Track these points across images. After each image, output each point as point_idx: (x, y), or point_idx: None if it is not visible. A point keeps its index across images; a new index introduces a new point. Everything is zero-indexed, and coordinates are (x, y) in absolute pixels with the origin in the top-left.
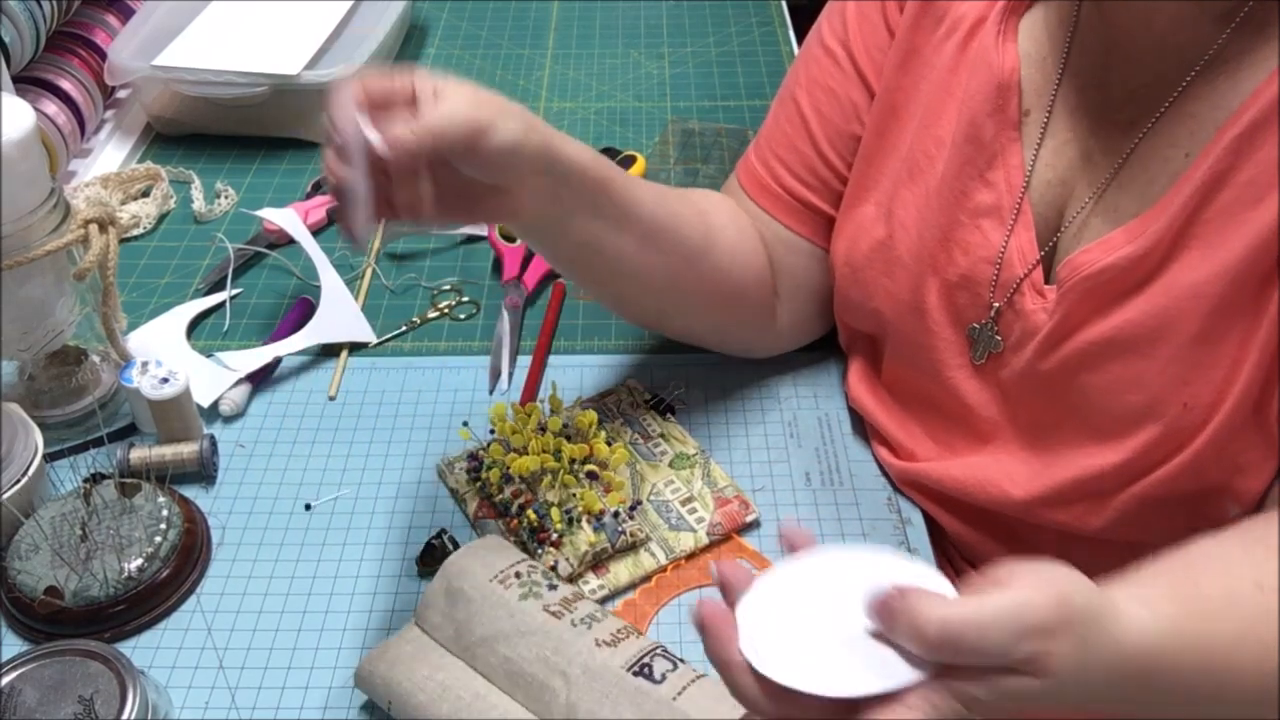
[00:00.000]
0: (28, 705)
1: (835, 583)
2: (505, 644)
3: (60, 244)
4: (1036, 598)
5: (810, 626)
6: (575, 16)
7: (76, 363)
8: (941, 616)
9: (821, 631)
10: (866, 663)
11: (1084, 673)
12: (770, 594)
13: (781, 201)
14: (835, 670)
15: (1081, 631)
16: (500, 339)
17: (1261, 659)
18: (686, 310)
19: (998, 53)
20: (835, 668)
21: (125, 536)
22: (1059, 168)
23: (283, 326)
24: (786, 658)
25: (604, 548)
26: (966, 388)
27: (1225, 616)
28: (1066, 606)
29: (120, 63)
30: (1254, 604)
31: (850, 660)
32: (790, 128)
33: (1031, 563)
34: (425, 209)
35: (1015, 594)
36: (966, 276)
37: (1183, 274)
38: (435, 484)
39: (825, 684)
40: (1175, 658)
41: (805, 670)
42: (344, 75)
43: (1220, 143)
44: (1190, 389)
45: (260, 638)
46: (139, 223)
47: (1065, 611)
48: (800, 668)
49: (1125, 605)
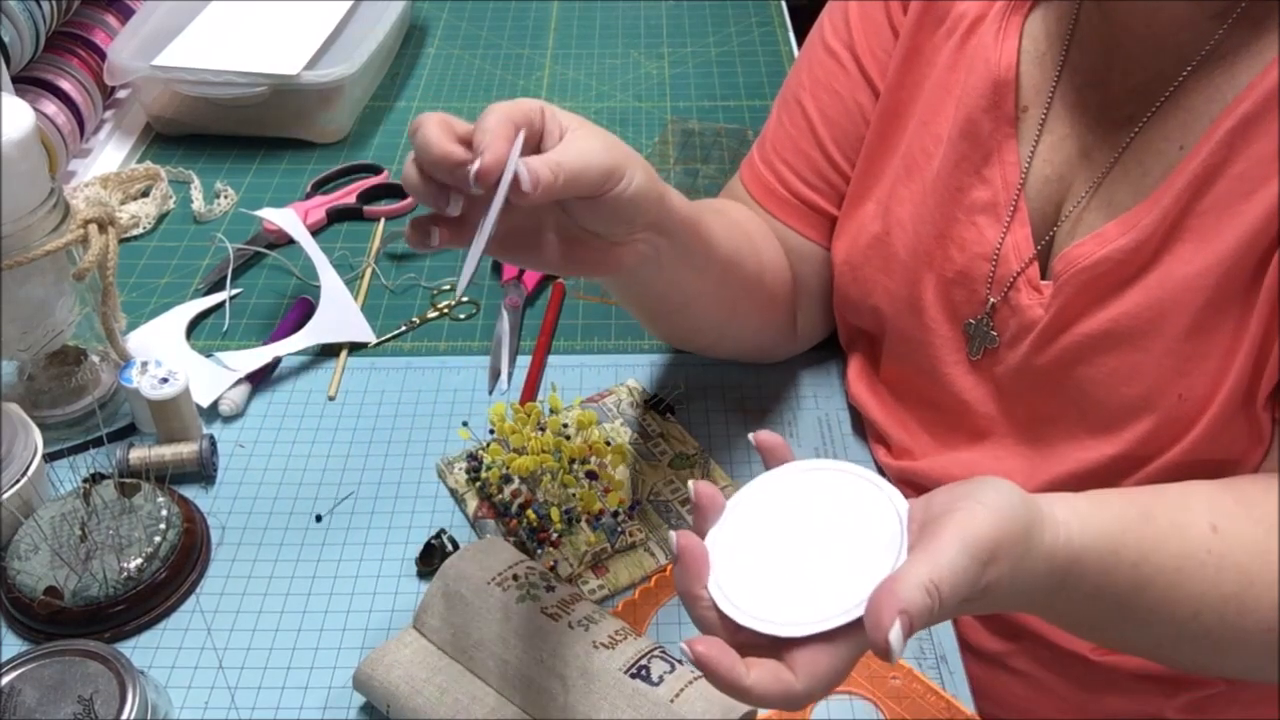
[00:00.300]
0: (27, 705)
1: (802, 503)
2: (503, 647)
3: (60, 244)
4: (980, 527)
5: (776, 555)
6: (575, 16)
7: (76, 363)
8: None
9: (787, 559)
10: (830, 589)
11: (1015, 585)
12: (741, 520)
13: (788, 205)
14: (797, 602)
15: (1019, 552)
16: (500, 339)
17: (1199, 593)
18: (740, 330)
19: (995, 50)
20: (797, 599)
21: (125, 536)
22: (1056, 164)
23: (282, 326)
24: (750, 591)
25: (603, 548)
26: (963, 384)
27: (1167, 544)
28: (1004, 530)
29: (120, 63)
30: (1202, 540)
31: (814, 589)
32: (795, 131)
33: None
34: (548, 254)
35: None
36: (963, 273)
37: (1177, 266)
38: (435, 484)
39: (783, 621)
40: (1098, 565)
41: (767, 604)
42: (346, 74)
43: (1214, 136)
44: (1185, 380)
45: (260, 638)
46: (139, 223)
47: (1002, 535)
48: (762, 601)
49: (1061, 515)
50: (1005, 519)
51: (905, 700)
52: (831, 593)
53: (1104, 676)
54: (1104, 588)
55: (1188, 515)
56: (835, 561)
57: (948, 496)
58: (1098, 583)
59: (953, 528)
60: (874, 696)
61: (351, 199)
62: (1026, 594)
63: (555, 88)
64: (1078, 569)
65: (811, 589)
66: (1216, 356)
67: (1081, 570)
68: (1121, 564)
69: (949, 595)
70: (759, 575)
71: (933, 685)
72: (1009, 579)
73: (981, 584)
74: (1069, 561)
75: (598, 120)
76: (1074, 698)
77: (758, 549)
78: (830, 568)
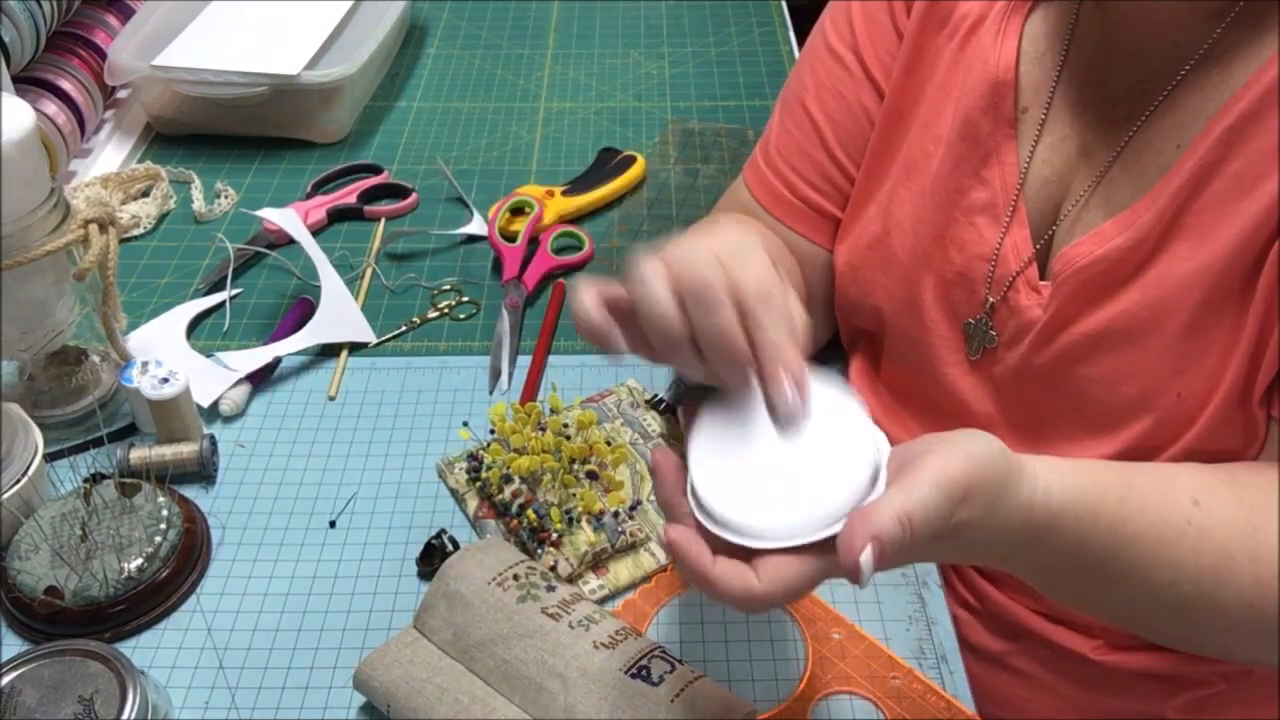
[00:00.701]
0: (28, 705)
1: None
2: (503, 646)
3: (60, 244)
4: (953, 466)
5: (755, 465)
6: (575, 16)
7: (76, 363)
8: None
9: (765, 470)
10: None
11: (987, 529)
12: (723, 427)
13: (794, 210)
14: (770, 513)
15: (992, 495)
16: (500, 339)
17: (1177, 562)
18: None
19: (994, 51)
20: (771, 511)
21: (125, 536)
22: (1055, 164)
23: (283, 326)
24: (726, 500)
25: (604, 548)
26: (962, 384)
27: (1147, 511)
28: (978, 473)
29: (120, 63)
30: (1183, 511)
31: (788, 503)
32: (800, 134)
33: (948, 434)
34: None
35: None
36: (962, 274)
37: (1174, 265)
38: (435, 484)
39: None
40: (1076, 525)
41: (742, 513)
42: (346, 74)
43: (1210, 134)
44: (1183, 379)
45: (260, 638)
46: (139, 223)
47: (975, 478)
48: (737, 510)
49: (1042, 471)
50: (981, 463)
51: (905, 700)
52: (804, 508)
53: (1104, 676)
54: (1081, 547)
55: (1171, 487)
56: (811, 478)
57: (927, 442)
58: (1075, 540)
59: (927, 466)
60: (874, 696)
61: (352, 199)
62: (999, 543)
63: (555, 88)
64: (1055, 524)
65: (786, 502)
66: (1214, 354)
67: (1059, 526)
68: (1099, 525)
69: (920, 528)
70: (736, 484)
71: (933, 685)
72: (981, 521)
73: (953, 522)
74: (1047, 517)
75: (598, 120)
76: (1074, 697)
77: (737, 458)
78: (805, 483)
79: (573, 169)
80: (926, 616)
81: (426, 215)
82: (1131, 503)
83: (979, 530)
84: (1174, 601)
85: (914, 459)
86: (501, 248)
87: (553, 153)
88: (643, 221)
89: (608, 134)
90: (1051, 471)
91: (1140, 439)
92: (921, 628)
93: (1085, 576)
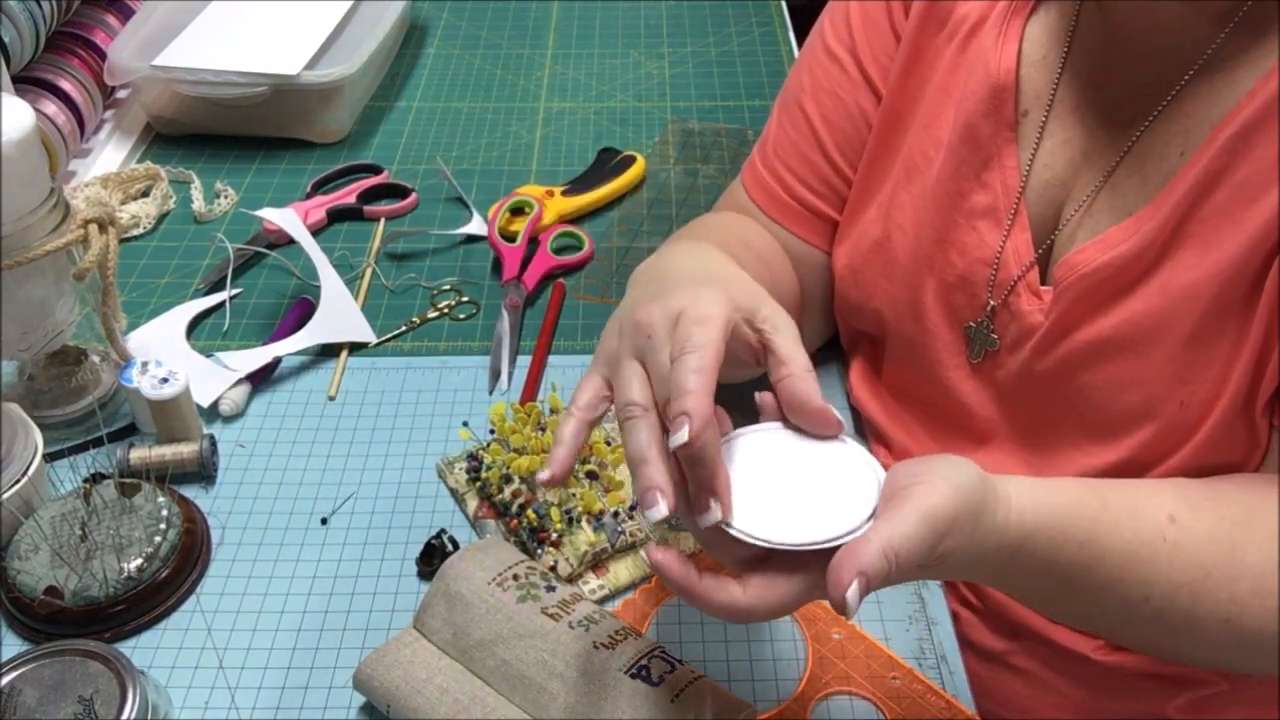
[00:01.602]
0: (28, 705)
1: (791, 449)
2: (503, 647)
3: (60, 244)
4: (938, 500)
5: (759, 486)
6: (575, 16)
7: (76, 363)
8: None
9: (768, 492)
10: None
11: (967, 555)
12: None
13: (791, 211)
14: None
15: (971, 526)
16: (500, 339)
17: (1150, 577)
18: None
19: (995, 54)
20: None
21: (125, 536)
22: (1057, 168)
23: (283, 326)
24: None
25: (604, 548)
26: (964, 387)
27: (1120, 529)
28: (960, 506)
29: (120, 63)
30: (1158, 529)
31: (786, 522)
32: (797, 135)
33: (931, 462)
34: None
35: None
36: (963, 278)
37: (1178, 273)
38: (435, 484)
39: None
40: (1048, 544)
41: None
42: (346, 74)
43: (1215, 142)
44: (1187, 388)
45: (260, 638)
46: (139, 223)
47: (959, 511)
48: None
49: (1015, 494)
50: (964, 493)
51: (905, 700)
52: (800, 528)
53: (1105, 675)
54: (1051, 564)
55: (1149, 504)
56: (810, 504)
57: (911, 470)
58: (1046, 559)
59: (914, 499)
60: (874, 696)
61: (352, 199)
62: (978, 565)
63: (555, 88)
64: (1029, 545)
65: (784, 522)
66: (1218, 364)
67: (1032, 547)
68: (1069, 543)
69: (905, 561)
70: (754, 499)
71: (933, 685)
72: (961, 550)
73: (936, 553)
74: (1020, 538)
75: (598, 120)
76: (1075, 697)
77: (743, 479)
78: (804, 507)
79: (573, 169)
80: (926, 616)
81: (426, 215)
82: (1104, 521)
83: (961, 556)
84: (1149, 615)
85: (899, 491)
86: (501, 248)
87: (553, 153)
88: (643, 221)
89: (608, 134)
90: (1025, 492)
91: (1143, 447)
92: (921, 628)
93: (1061, 593)
